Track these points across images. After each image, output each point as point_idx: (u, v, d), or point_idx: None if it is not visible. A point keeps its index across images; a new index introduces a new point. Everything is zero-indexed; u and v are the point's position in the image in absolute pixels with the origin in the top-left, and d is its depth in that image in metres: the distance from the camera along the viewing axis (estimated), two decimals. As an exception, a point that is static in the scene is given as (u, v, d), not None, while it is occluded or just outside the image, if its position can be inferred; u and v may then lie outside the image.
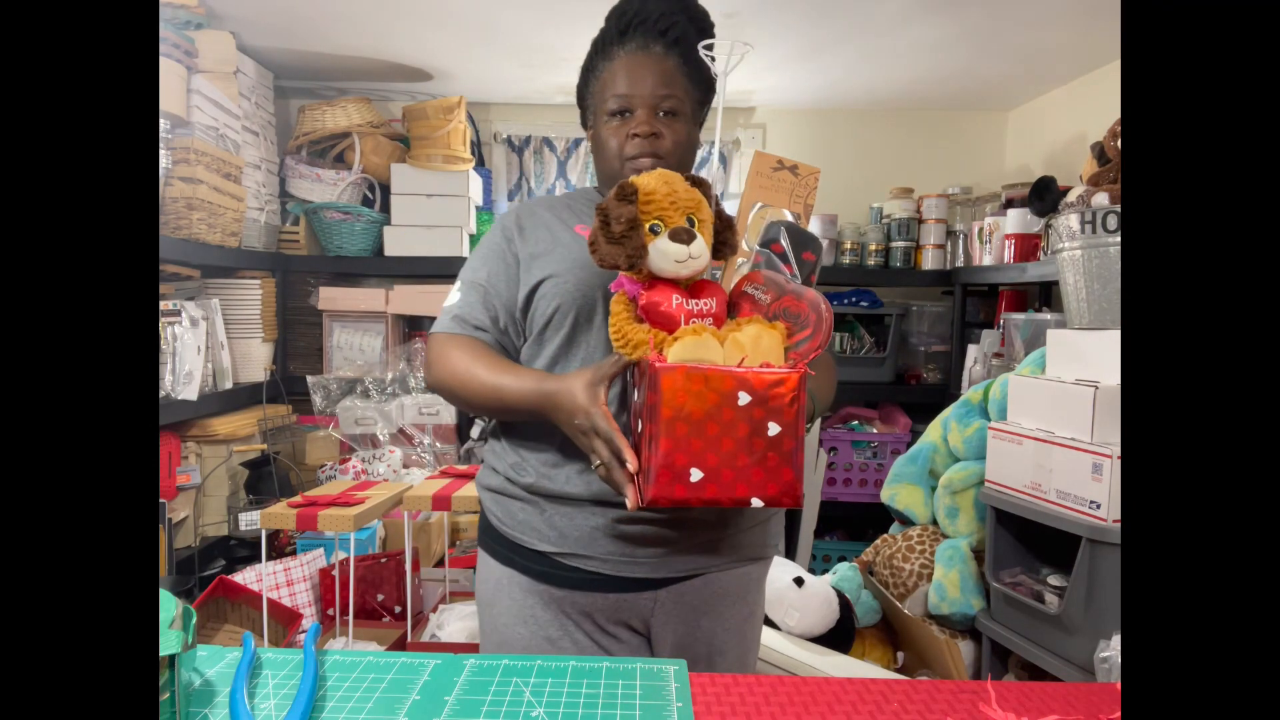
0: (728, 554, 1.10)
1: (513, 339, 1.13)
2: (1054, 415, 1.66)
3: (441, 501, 1.83)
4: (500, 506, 1.14)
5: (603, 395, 0.92)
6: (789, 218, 1.01)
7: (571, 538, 1.06)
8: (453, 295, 1.14)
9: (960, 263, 2.89)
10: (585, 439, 0.92)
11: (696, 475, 0.84)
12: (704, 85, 1.15)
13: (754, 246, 1.00)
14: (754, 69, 2.75)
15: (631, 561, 1.06)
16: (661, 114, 1.08)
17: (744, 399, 0.84)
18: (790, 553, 2.79)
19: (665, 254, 0.90)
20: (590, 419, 0.91)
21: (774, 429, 0.85)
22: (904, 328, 3.01)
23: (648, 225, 0.91)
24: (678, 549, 1.06)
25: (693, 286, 0.94)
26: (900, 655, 1.98)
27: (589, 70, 1.15)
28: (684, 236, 0.90)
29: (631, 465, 0.87)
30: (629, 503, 0.87)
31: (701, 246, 0.91)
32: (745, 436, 0.84)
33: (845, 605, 1.91)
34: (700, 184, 0.96)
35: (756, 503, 0.85)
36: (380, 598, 2.15)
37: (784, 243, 0.98)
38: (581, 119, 1.21)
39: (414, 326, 3.02)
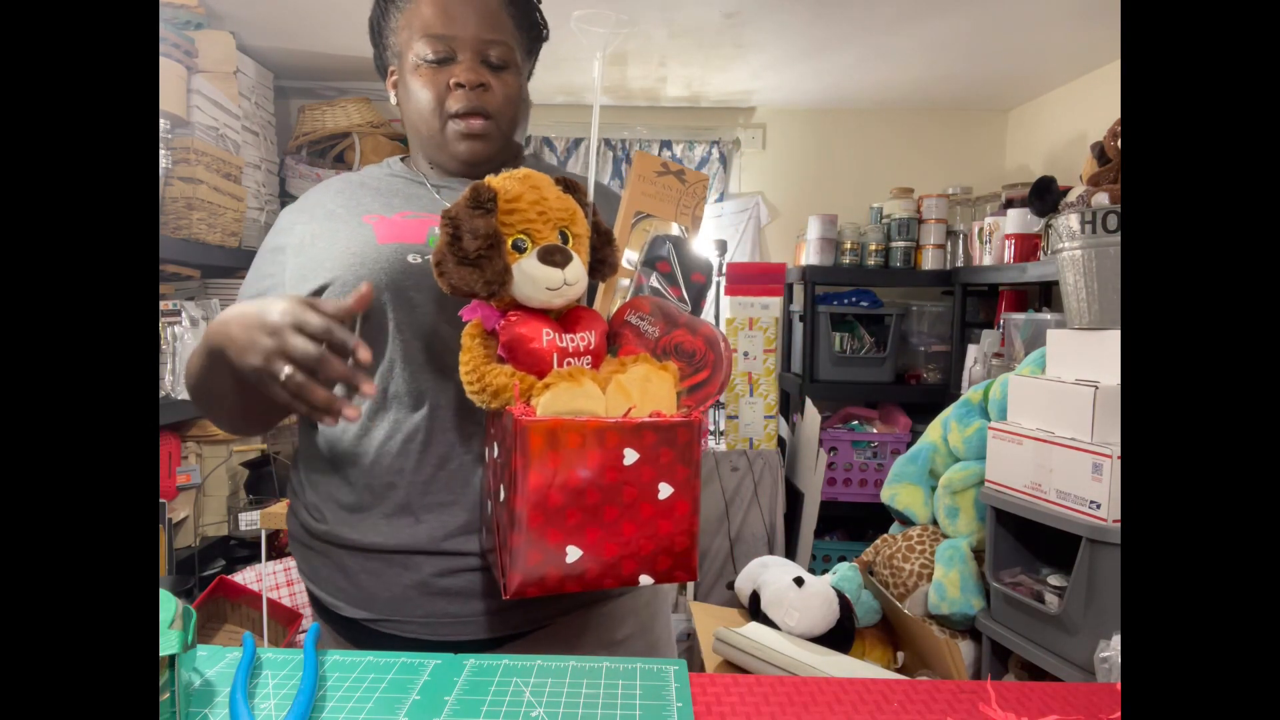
0: (577, 596, 0.90)
1: None
2: (1054, 415, 1.66)
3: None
4: (302, 557, 0.94)
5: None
6: (676, 231, 0.85)
7: (381, 600, 0.87)
8: None
9: (960, 263, 2.89)
10: (274, 355, 0.71)
11: (574, 554, 0.69)
12: (532, 32, 0.95)
13: (637, 264, 0.84)
14: (754, 69, 2.75)
15: (456, 622, 0.86)
16: (488, 62, 0.89)
17: (631, 457, 0.69)
18: (790, 553, 2.79)
19: (534, 280, 0.72)
20: (288, 315, 0.71)
21: (666, 491, 0.71)
22: (904, 328, 3.01)
23: (510, 241, 0.73)
24: (513, 600, 0.89)
25: (566, 316, 0.76)
26: (900, 655, 1.98)
27: None
28: (558, 258, 0.72)
29: (364, 355, 0.69)
30: (345, 416, 0.69)
31: (578, 270, 0.73)
32: (632, 502, 0.70)
33: (845, 605, 1.91)
34: (573, 188, 0.78)
35: (646, 580, 0.72)
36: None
37: (671, 262, 0.82)
38: (376, 59, 0.97)
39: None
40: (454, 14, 0.88)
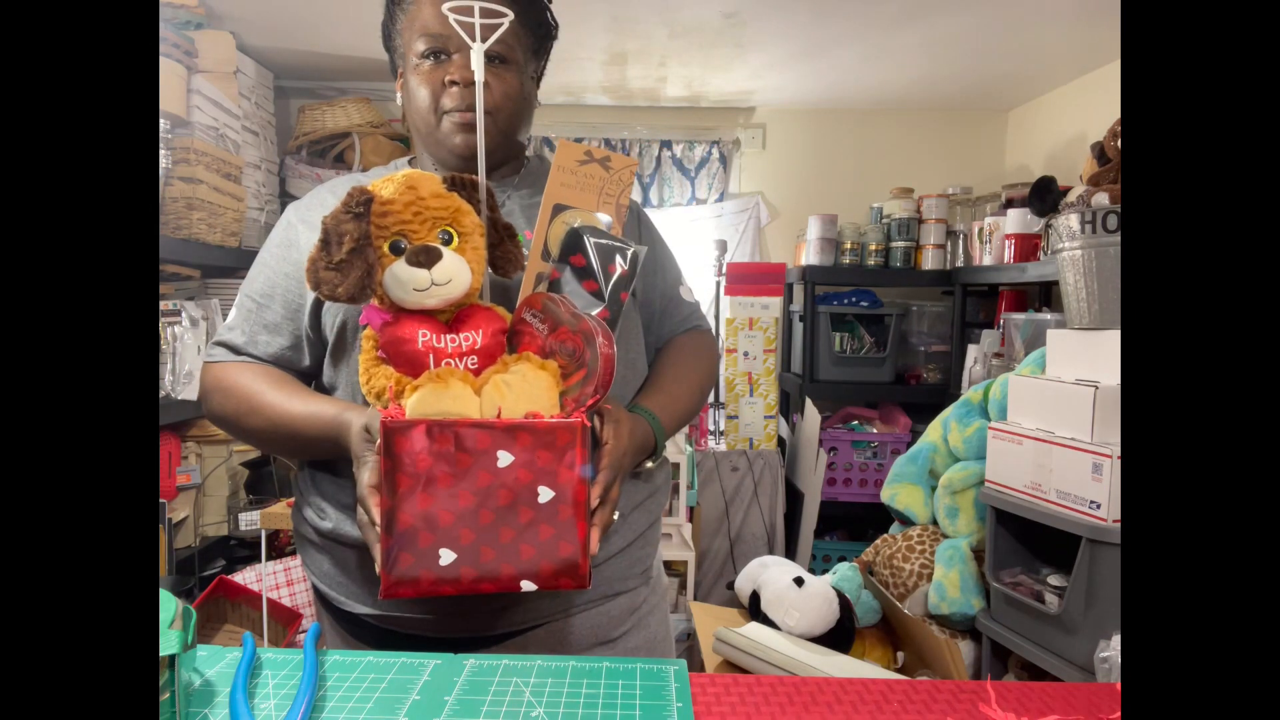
0: (580, 592, 0.91)
1: (306, 358, 0.92)
2: (1054, 415, 1.66)
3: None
4: (308, 555, 0.96)
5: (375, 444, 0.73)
6: (601, 222, 0.84)
7: None
8: (231, 313, 0.96)
9: (960, 263, 2.89)
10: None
11: (447, 557, 0.69)
12: (540, 30, 0.96)
13: (553, 259, 0.82)
14: (754, 69, 2.75)
15: (461, 617, 0.88)
16: (486, 59, 0.89)
17: (504, 459, 0.68)
18: (790, 553, 2.79)
19: (401, 282, 0.72)
20: (356, 465, 0.74)
21: (546, 494, 0.69)
22: (904, 328, 3.01)
23: (387, 244, 0.73)
24: (517, 596, 0.87)
25: (457, 316, 0.76)
26: (900, 655, 1.98)
27: (395, 1, 0.95)
28: (422, 259, 0.71)
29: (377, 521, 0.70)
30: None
31: (453, 269, 0.73)
32: (509, 506, 0.69)
33: (845, 605, 1.91)
34: (465, 185, 0.80)
35: (528, 586, 0.71)
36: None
37: (586, 254, 0.80)
38: (390, 63, 1.00)
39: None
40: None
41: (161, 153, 2.11)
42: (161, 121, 2.09)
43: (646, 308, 1.04)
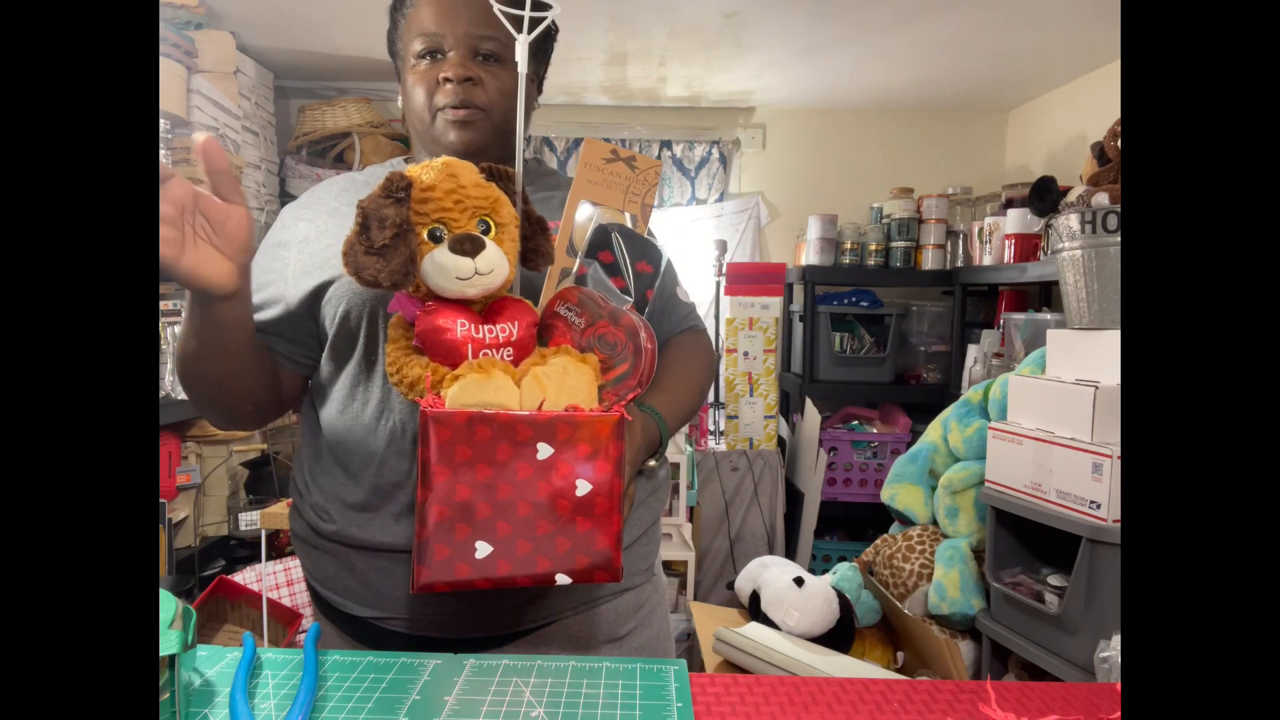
0: (587, 590, 0.92)
1: (297, 352, 0.92)
2: (1054, 415, 1.66)
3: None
4: (307, 557, 0.95)
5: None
6: (625, 220, 0.84)
7: (391, 598, 0.88)
8: None
9: (960, 263, 2.89)
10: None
11: (484, 550, 0.68)
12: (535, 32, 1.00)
13: (580, 254, 0.82)
14: (754, 69, 2.75)
15: (465, 619, 0.87)
16: (481, 57, 0.90)
17: (544, 452, 0.68)
18: (790, 553, 2.79)
19: (444, 270, 0.70)
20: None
21: (584, 487, 0.69)
22: (904, 328, 3.01)
23: (425, 231, 0.71)
24: (524, 596, 0.88)
25: (490, 307, 0.75)
26: (900, 655, 1.98)
27: (397, 8, 0.97)
28: (467, 247, 0.70)
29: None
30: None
31: (495, 258, 0.72)
32: (546, 499, 0.69)
33: (845, 605, 1.91)
34: (501, 176, 0.79)
35: (563, 579, 0.70)
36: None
37: (615, 251, 0.81)
38: (395, 70, 1.01)
39: (414, 326, 3.02)
40: (446, 12, 0.90)
41: (161, 153, 2.11)
42: (161, 121, 2.09)
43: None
